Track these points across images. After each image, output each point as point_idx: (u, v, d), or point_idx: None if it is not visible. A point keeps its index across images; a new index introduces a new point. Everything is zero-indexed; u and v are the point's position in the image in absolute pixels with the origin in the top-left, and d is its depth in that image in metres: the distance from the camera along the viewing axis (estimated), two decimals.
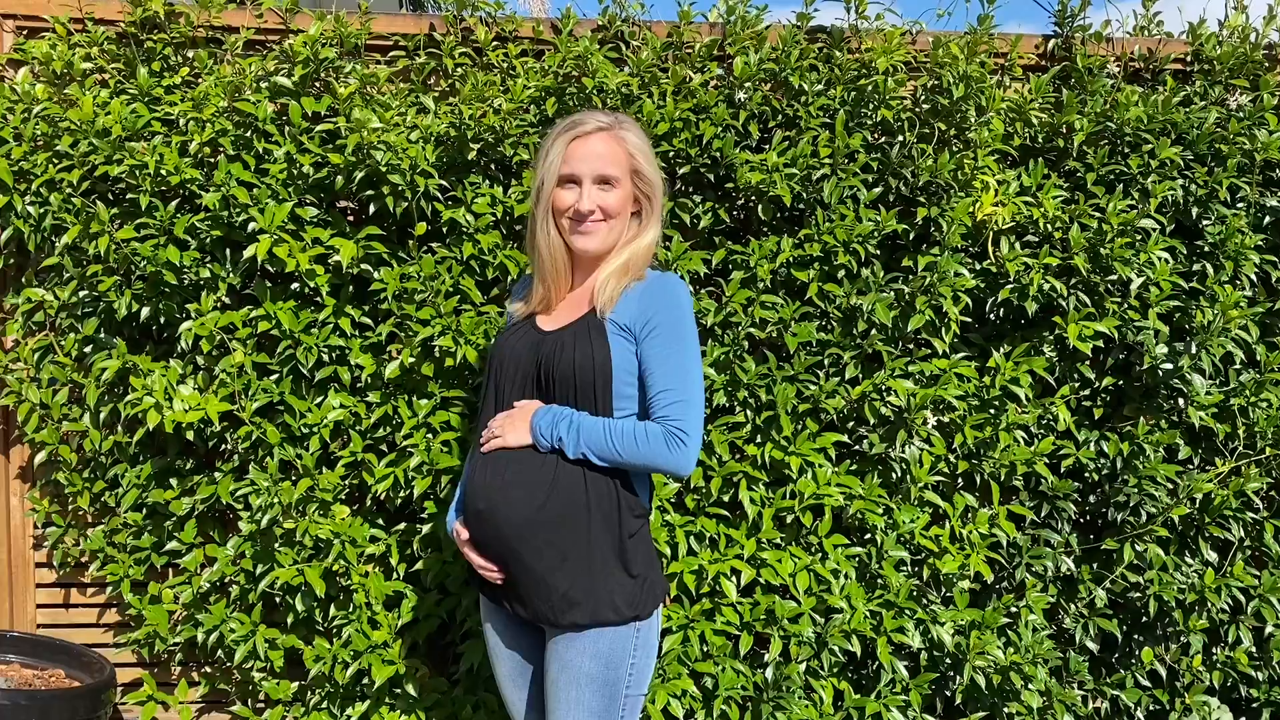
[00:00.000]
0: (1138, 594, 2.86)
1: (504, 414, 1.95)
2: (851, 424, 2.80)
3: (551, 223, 1.97)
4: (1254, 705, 2.97)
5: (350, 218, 2.83)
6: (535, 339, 1.98)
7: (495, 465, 1.91)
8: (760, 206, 2.75)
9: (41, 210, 2.69)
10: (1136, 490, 2.79)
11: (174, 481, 2.79)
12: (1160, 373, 2.79)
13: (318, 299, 2.74)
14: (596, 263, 1.99)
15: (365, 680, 2.71)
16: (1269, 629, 2.90)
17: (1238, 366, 2.88)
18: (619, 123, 1.97)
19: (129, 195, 2.71)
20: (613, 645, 1.85)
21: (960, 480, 2.85)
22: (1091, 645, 2.88)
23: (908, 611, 2.72)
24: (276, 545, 2.69)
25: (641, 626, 1.89)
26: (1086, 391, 2.88)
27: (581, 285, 2.02)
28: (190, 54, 2.81)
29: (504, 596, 1.94)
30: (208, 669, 2.89)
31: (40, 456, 2.80)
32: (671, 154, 2.74)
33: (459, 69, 2.80)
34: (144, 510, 2.82)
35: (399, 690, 2.72)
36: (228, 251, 2.73)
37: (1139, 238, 2.77)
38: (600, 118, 1.97)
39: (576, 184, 1.94)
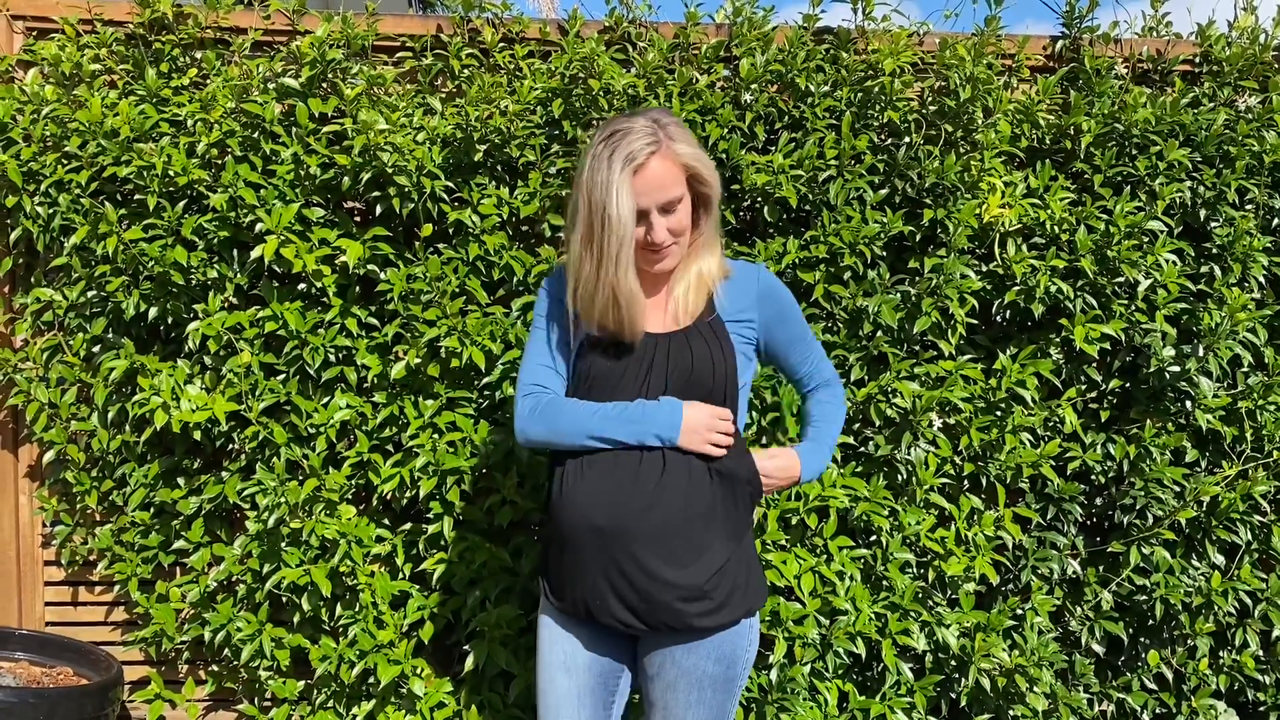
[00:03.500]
0: (1144, 597, 2.85)
1: (776, 466, 1.98)
2: (857, 426, 2.80)
3: (631, 261, 1.82)
4: (1261, 709, 2.96)
5: (357, 219, 2.83)
6: (646, 341, 1.89)
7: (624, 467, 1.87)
8: (766, 208, 2.75)
9: (50, 211, 2.70)
10: (1143, 493, 2.79)
11: (181, 481, 2.81)
12: (1167, 375, 2.78)
13: (324, 299, 2.75)
14: (666, 275, 1.94)
15: (371, 680, 2.71)
16: (1276, 632, 2.88)
17: (1245, 369, 2.87)
18: (663, 131, 1.81)
19: (137, 196, 2.72)
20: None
21: (966, 482, 2.84)
22: (1097, 648, 2.87)
23: (913, 614, 2.72)
24: (283, 545, 2.70)
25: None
26: (1093, 394, 2.87)
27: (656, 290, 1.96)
28: (198, 55, 2.82)
29: None
30: (214, 667, 2.91)
31: (49, 455, 2.81)
32: None
33: (466, 70, 2.81)
34: (151, 509, 2.83)
35: (404, 690, 2.72)
36: (235, 252, 2.74)
37: (1146, 240, 2.76)
38: (645, 134, 1.79)
39: (644, 215, 1.82)
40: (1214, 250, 2.84)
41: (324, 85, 2.78)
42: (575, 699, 1.90)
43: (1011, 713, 2.80)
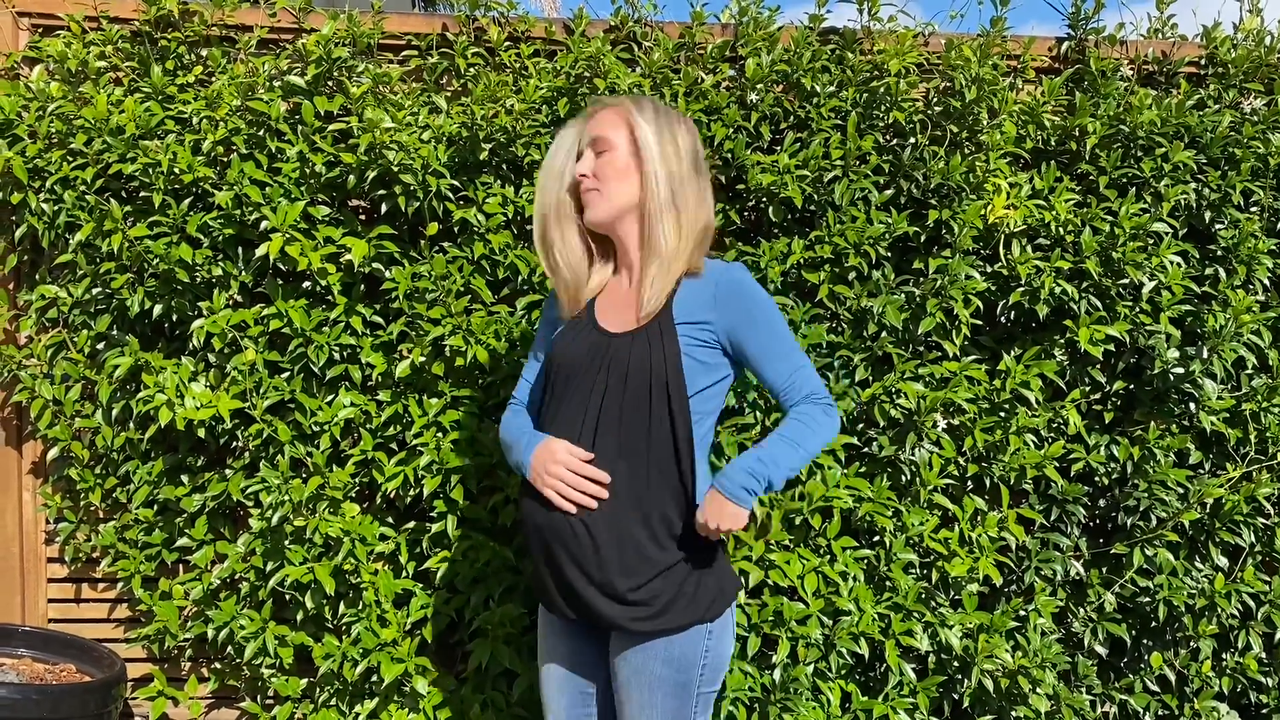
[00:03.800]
0: (1147, 599, 2.85)
1: (705, 513, 1.81)
2: (861, 426, 2.80)
3: (572, 214, 1.98)
4: (1264, 711, 2.96)
5: (362, 217, 2.84)
6: (600, 341, 1.90)
7: None
8: (771, 208, 2.75)
9: (55, 207, 2.70)
10: (1147, 495, 2.78)
11: (185, 478, 2.81)
12: (1171, 377, 2.78)
13: (329, 298, 2.75)
14: (610, 242, 1.97)
15: (374, 678, 2.72)
16: (1279, 635, 2.89)
17: (1249, 371, 2.87)
18: (634, 100, 1.94)
19: (142, 193, 2.72)
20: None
21: (970, 483, 2.84)
22: (1100, 649, 2.87)
23: (916, 614, 2.72)
24: (287, 543, 2.70)
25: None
26: (1097, 395, 2.87)
27: (618, 274, 1.98)
28: (204, 52, 2.83)
29: None
30: (217, 665, 2.91)
31: (53, 452, 2.81)
32: None
33: (471, 69, 2.81)
34: (155, 507, 2.83)
35: (407, 688, 2.72)
36: (240, 250, 2.74)
37: (1151, 241, 2.76)
38: (615, 97, 1.98)
39: (583, 156, 1.93)
40: (1219, 252, 2.84)
41: (329, 83, 2.78)
42: (557, 687, 2.01)
43: (1014, 714, 2.80)
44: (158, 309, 2.71)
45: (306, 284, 2.76)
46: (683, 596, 1.83)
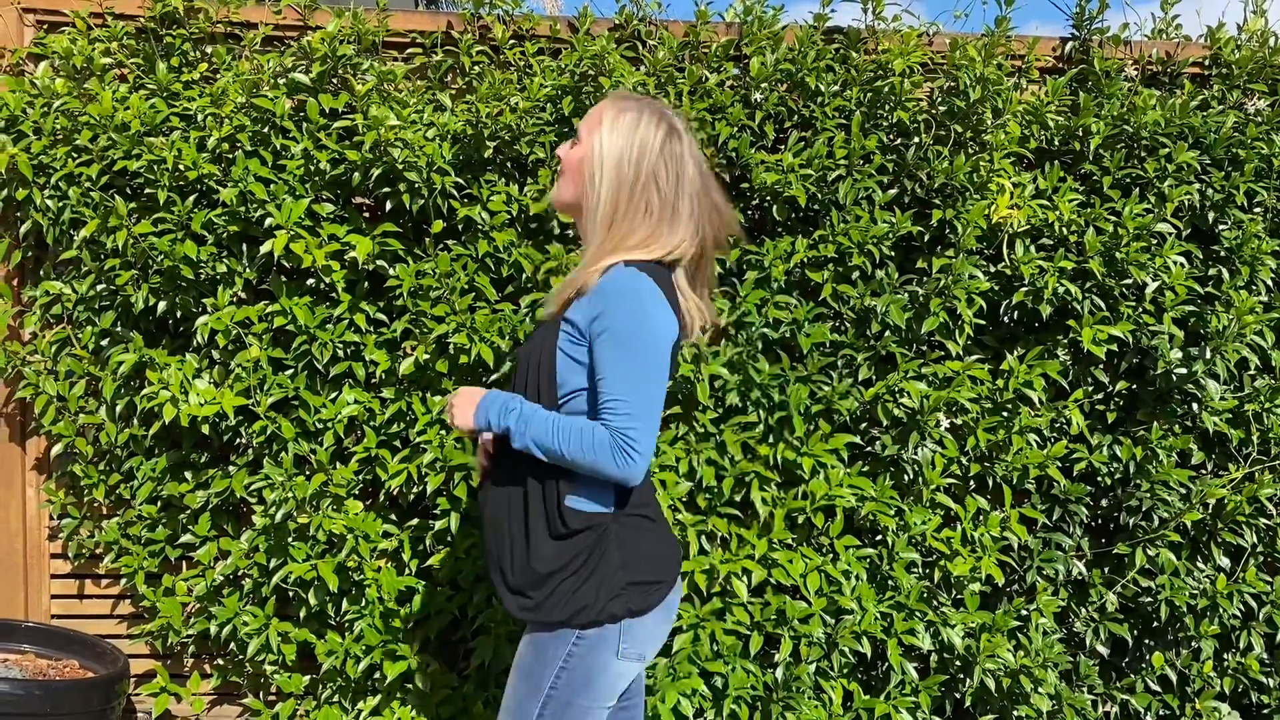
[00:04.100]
0: (1149, 599, 2.85)
1: (454, 395, 1.88)
2: (864, 425, 2.80)
3: None
4: (1265, 712, 2.96)
5: (366, 214, 2.84)
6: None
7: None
8: (775, 207, 2.76)
9: (60, 204, 2.71)
10: (1149, 495, 2.79)
11: (189, 475, 2.81)
12: (1174, 377, 2.78)
13: (333, 295, 2.75)
14: (580, 229, 1.94)
15: (377, 675, 2.72)
16: None
17: (1252, 372, 2.87)
18: (619, 100, 1.90)
19: (147, 190, 2.73)
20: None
21: (972, 483, 2.84)
22: (1102, 649, 2.88)
23: (918, 613, 2.73)
24: (290, 539, 2.70)
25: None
26: (1100, 395, 2.88)
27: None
28: (209, 49, 2.83)
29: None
30: (220, 661, 2.91)
31: (56, 449, 2.82)
32: None
33: (476, 67, 2.81)
34: (159, 503, 2.84)
35: (410, 685, 2.73)
36: (244, 247, 2.75)
37: (1155, 242, 2.77)
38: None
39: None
40: (1222, 253, 2.85)
41: (334, 81, 2.78)
42: None
43: (1016, 713, 2.80)
44: (162, 305, 2.71)
45: (311, 281, 2.76)
46: (561, 598, 1.79)
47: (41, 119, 2.70)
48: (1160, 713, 2.93)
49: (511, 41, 2.83)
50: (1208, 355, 2.75)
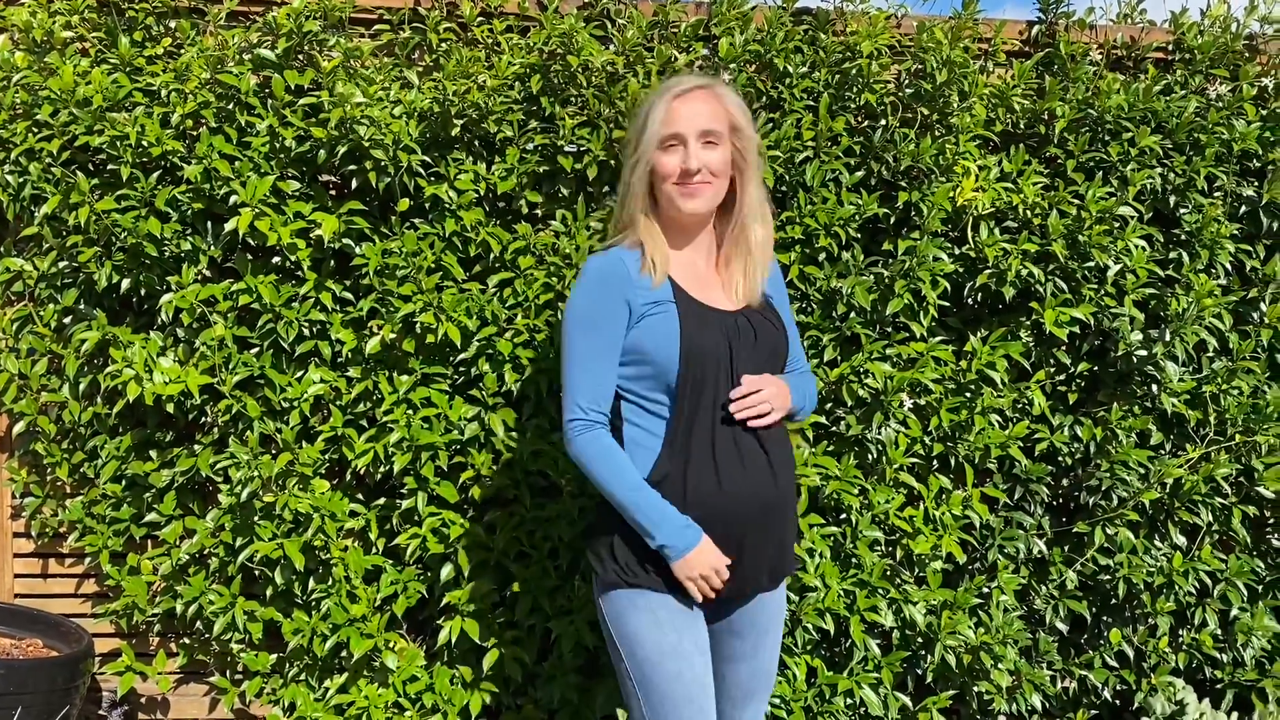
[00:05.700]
0: (1107, 576, 2.90)
1: (763, 387, 1.97)
2: (829, 405, 2.82)
3: (648, 191, 2.01)
4: (1218, 686, 3.03)
5: (332, 192, 2.82)
6: (730, 323, 2.00)
7: (747, 449, 1.98)
8: None
9: (20, 180, 2.67)
10: (1108, 474, 2.83)
11: (153, 453, 2.79)
12: (1135, 359, 2.82)
13: (299, 273, 2.73)
14: (698, 228, 2.04)
15: (343, 653, 2.73)
16: (1234, 612, 2.95)
17: (1210, 354, 2.92)
18: (716, 81, 2.04)
19: (110, 166, 2.69)
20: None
21: (935, 462, 2.88)
22: (1061, 626, 2.93)
23: (881, 591, 2.76)
24: (256, 518, 2.70)
25: None
26: (1062, 377, 2.91)
27: (696, 251, 2.08)
28: (172, 24, 2.79)
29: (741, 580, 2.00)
30: (186, 640, 2.91)
31: (19, 427, 2.79)
32: None
33: (443, 44, 2.79)
34: (123, 482, 2.82)
35: (377, 663, 2.74)
36: (209, 224, 2.72)
37: (1117, 225, 2.80)
38: (696, 77, 2.04)
39: (681, 144, 1.95)
40: (1182, 237, 2.89)
41: (300, 57, 2.75)
42: (709, 676, 1.98)
43: (976, 688, 2.85)
44: (126, 283, 2.68)
45: (276, 259, 2.75)
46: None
47: (1, 93, 2.66)
48: (1117, 687, 2.99)
49: (480, 19, 2.81)
50: (1167, 337, 2.79)
